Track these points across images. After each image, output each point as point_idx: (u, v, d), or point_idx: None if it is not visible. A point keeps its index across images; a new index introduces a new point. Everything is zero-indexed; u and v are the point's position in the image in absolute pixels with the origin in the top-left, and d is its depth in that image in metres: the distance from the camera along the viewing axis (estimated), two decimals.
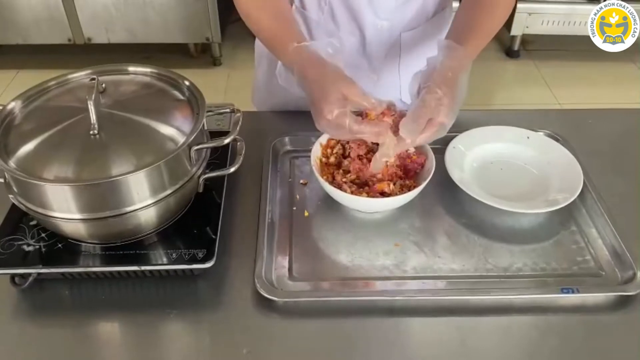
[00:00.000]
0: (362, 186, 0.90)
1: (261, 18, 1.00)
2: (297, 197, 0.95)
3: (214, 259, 0.79)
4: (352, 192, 0.88)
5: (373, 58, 1.14)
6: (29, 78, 1.74)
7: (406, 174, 0.93)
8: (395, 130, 0.85)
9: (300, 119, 1.15)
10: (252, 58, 1.31)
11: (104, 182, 0.73)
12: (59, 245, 0.82)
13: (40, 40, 2.86)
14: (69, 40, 2.85)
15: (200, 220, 0.85)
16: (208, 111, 0.85)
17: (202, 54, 3.09)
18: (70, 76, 0.88)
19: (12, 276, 0.80)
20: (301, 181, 0.98)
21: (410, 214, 0.92)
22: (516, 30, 3.00)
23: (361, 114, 0.89)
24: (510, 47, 3.16)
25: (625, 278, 0.82)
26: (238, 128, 0.85)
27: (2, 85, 2.85)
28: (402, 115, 0.87)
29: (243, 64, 3.00)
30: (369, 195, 0.88)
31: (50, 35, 2.84)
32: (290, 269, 0.83)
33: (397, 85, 1.18)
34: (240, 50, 3.14)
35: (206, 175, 0.84)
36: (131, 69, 0.91)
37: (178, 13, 2.78)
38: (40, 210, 0.76)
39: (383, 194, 0.89)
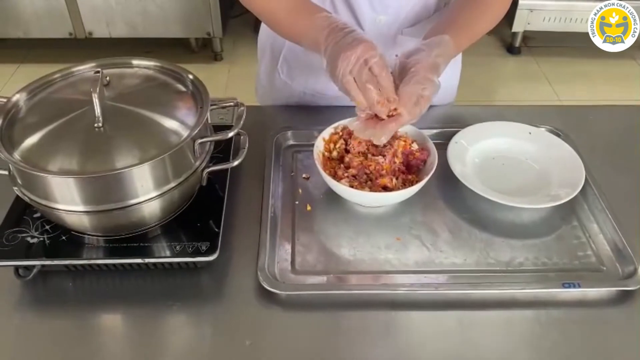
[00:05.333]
0: (365, 181, 0.90)
1: (275, 3, 0.99)
2: (300, 191, 0.95)
3: (217, 251, 0.80)
4: (354, 187, 0.88)
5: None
6: (30, 72, 1.74)
7: (409, 169, 0.94)
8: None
9: (302, 113, 1.16)
10: (253, 53, 1.31)
11: (108, 174, 0.74)
12: (63, 237, 0.82)
13: (41, 34, 2.86)
14: (70, 34, 2.84)
15: (203, 213, 0.86)
16: (212, 105, 0.85)
17: (203, 49, 3.09)
18: (74, 69, 0.88)
19: (16, 268, 0.80)
20: (303, 175, 0.98)
21: (412, 208, 0.92)
22: (517, 26, 3.00)
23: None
24: (511, 43, 3.16)
25: (626, 273, 0.82)
26: (242, 122, 0.85)
27: (4, 79, 2.85)
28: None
29: (244, 59, 3.00)
30: (371, 189, 0.89)
31: (51, 29, 2.83)
32: (292, 262, 0.84)
33: None
34: (241, 45, 3.14)
35: (209, 169, 0.84)
36: (135, 62, 0.91)
37: (179, 7, 2.78)
38: (44, 202, 0.76)
39: (385, 189, 0.89)
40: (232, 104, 0.92)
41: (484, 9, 1.00)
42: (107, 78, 0.85)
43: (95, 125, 0.77)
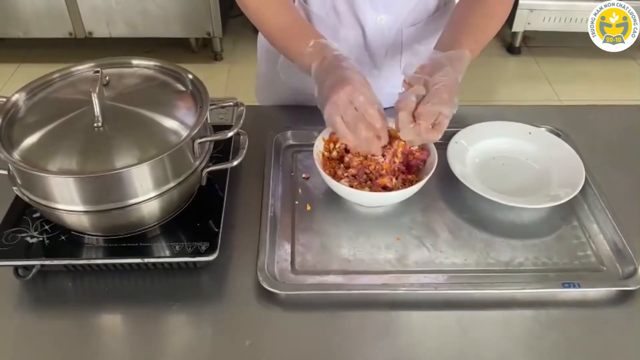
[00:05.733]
0: (365, 181, 0.90)
1: (269, 17, 1.00)
2: (300, 191, 0.95)
3: (217, 251, 0.80)
4: (354, 187, 0.88)
5: (374, 53, 1.14)
6: (30, 72, 1.74)
7: (409, 169, 0.93)
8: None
9: (302, 113, 1.16)
10: (253, 53, 1.31)
11: (108, 174, 0.73)
12: (62, 237, 0.82)
13: (41, 34, 2.86)
14: (70, 34, 2.85)
15: (203, 213, 0.86)
16: (211, 104, 0.85)
17: (203, 49, 3.09)
18: (74, 69, 0.88)
19: (16, 268, 0.80)
20: (303, 175, 0.98)
21: (411, 208, 0.92)
22: (517, 26, 3.00)
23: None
24: (511, 43, 3.16)
25: (626, 273, 0.82)
26: (241, 121, 0.85)
27: (3, 79, 2.85)
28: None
29: (244, 59, 3.00)
30: (371, 189, 0.89)
31: (51, 29, 2.83)
32: (292, 262, 0.84)
33: (399, 80, 1.18)
34: (241, 45, 3.14)
35: (209, 169, 0.84)
36: (135, 62, 0.91)
37: (179, 7, 2.78)
38: (43, 202, 0.76)
39: (385, 189, 0.89)
40: (231, 103, 0.92)
41: (489, 12, 0.99)
42: (107, 78, 0.85)
43: (95, 125, 0.77)
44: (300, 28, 0.98)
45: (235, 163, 0.85)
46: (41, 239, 0.82)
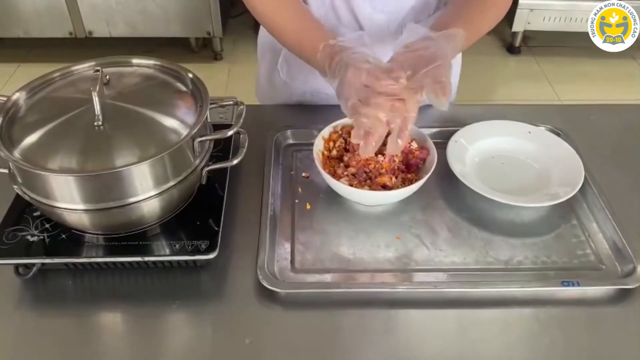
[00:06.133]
0: (364, 179, 0.91)
1: (280, 23, 1.01)
2: (299, 190, 0.95)
3: (217, 250, 0.80)
4: (354, 185, 0.88)
5: (374, 52, 1.14)
6: (30, 72, 1.74)
7: (408, 168, 0.94)
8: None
9: (302, 112, 1.17)
10: (253, 53, 1.31)
11: (108, 173, 0.74)
12: (63, 235, 0.82)
13: (41, 34, 2.86)
14: (70, 33, 2.85)
15: (203, 212, 0.86)
16: (211, 103, 0.85)
17: (203, 49, 3.09)
18: (74, 68, 0.88)
19: (16, 266, 0.80)
20: (303, 174, 0.98)
21: (411, 207, 0.92)
22: (517, 26, 3.00)
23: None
24: (511, 43, 3.16)
25: (625, 272, 0.82)
26: (241, 120, 0.85)
27: (4, 79, 2.85)
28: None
29: (244, 59, 3.00)
30: (371, 188, 0.89)
31: (51, 28, 2.83)
32: (292, 261, 0.84)
33: None
34: (241, 45, 3.14)
35: (209, 168, 0.84)
36: (135, 61, 0.91)
37: (179, 7, 2.78)
38: (44, 200, 0.76)
39: (385, 187, 0.89)
40: (231, 102, 0.92)
41: (488, 7, 0.99)
42: (107, 77, 0.85)
43: (95, 123, 0.77)
44: (310, 32, 0.97)
45: (235, 162, 0.85)
46: (42, 237, 0.82)
